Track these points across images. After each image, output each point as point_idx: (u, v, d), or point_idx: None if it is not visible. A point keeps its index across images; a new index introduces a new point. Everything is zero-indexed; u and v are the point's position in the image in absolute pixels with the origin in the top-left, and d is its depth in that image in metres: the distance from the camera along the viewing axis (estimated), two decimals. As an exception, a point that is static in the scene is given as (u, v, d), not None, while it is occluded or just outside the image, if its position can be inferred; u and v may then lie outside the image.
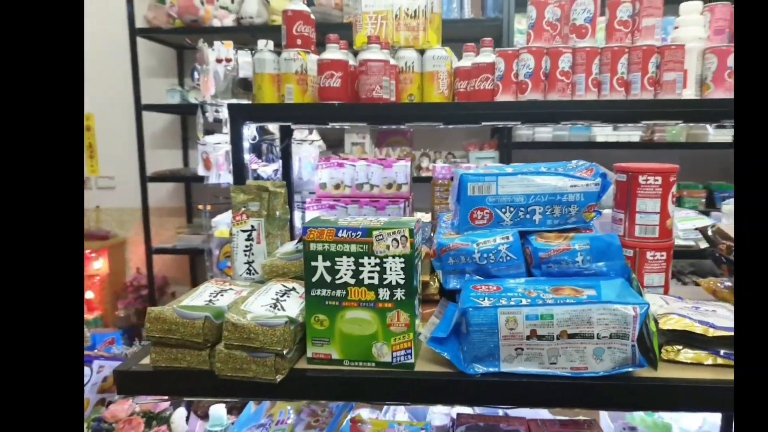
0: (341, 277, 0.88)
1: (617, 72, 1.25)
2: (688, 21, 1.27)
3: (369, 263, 0.87)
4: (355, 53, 1.51)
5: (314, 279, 0.89)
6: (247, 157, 1.37)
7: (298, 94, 1.48)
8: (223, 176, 2.33)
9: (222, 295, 0.98)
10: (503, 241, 1.00)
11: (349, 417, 1.26)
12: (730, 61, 1.23)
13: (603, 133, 2.97)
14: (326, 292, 0.89)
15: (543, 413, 1.34)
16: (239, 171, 1.38)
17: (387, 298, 0.88)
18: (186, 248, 3.64)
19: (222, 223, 1.99)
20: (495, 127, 3.43)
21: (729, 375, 0.86)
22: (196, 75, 3.12)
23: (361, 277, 0.88)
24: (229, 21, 3.35)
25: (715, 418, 1.97)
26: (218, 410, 1.41)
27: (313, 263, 0.89)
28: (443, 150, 3.56)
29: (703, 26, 1.28)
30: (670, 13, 1.30)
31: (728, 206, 2.69)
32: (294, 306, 0.94)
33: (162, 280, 3.97)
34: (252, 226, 1.16)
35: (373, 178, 2.00)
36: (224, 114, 2.16)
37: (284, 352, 0.85)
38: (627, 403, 0.86)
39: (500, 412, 1.28)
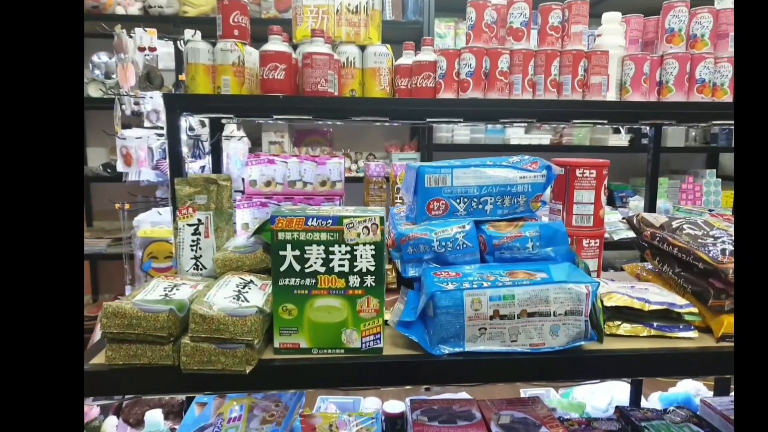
0: (311, 266, 0.88)
1: (551, 74, 1.34)
2: (610, 30, 1.40)
3: (340, 251, 0.88)
4: (294, 47, 1.49)
5: (282, 268, 0.88)
6: (185, 150, 1.31)
7: (235, 86, 1.44)
8: (144, 173, 2.20)
9: (177, 289, 0.94)
10: (460, 230, 1.04)
11: (299, 412, 1.24)
12: (646, 67, 1.36)
13: (516, 135, 3.16)
14: (295, 281, 0.88)
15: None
16: (177, 164, 1.31)
17: (357, 285, 0.89)
18: (88, 254, 3.37)
19: (145, 222, 1.87)
20: (415, 128, 3.53)
21: (662, 344, 0.96)
22: (96, 61, 2.90)
23: (331, 265, 0.88)
24: (134, 9, 3.16)
25: (622, 396, 2.17)
26: (154, 416, 1.34)
27: (281, 252, 0.87)
28: (364, 151, 3.60)
29: (621, 35, 1.42)
30: (591, 23, 1.42)
31: (635, 202, 2.97)
32: (257, 297, 0.92)
33: (58, 289, 3.65)
34: (199, 220, 1.12)
35: (306, 176, 1.99)
36: (145, 107, 2.04)
37: (254, 342, 0.83)
38: (579, 375, 0.93)
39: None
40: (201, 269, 1.12)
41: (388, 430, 1.38)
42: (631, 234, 2.35)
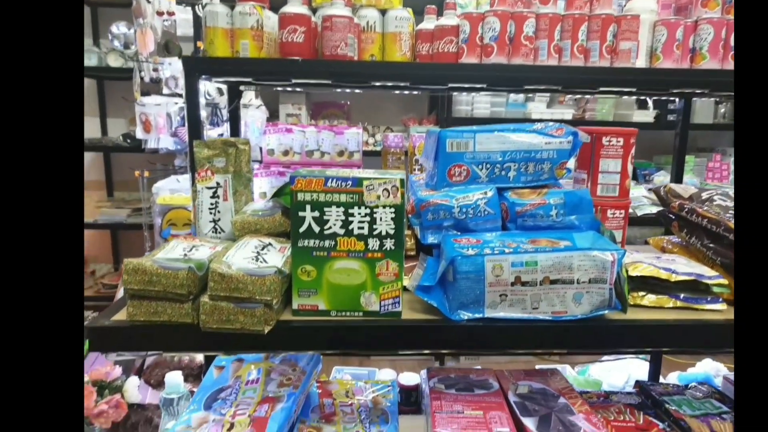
0: (330, 228, 0.87)
1: (578, 39, 1.30)
2: (641, -7, 1.34)
3: (359, 213, 0.86)
4: (314, 10, 1.46)
5: (301, 230, 0.87)
6: (203, 113, 1.30)
7: (253, 50, 1.42)
8: (163, 140, 2.20)
9: (196, 250, 0.93)
10: (482, 196, 1.02)
11: (316, 377, 1.24)
12: (679, 33, 1.31)
13: (538, 110, 3.10)
14: (314, 243, 0.87)
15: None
16: (195, 128, 1.30)
17: (377, 248, 0.87)
18: (108, 223, 3.41)
19: (164, 189, 1.88)
20: (433, 101, 3.48)
21: (687, 315, 0.94)
22: (115, 32, 2.89)
23: (350, 227, 0.87)
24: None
25: (640, 375, 2.15)
26: (174, 377, 1.35)
27: (300, 213, 0.86)
28: (381, 124, 3.57)
29: None
30: (622, -14, 1.37)
31: (659, 178, 2.91)
32: (276, 258, 0.91)
33: (80, 258, 3.71)
34: (217, 183, 1.11)
35: (324, 145, 1.97)
36: (164, 73, 2.03)
37: (273, 302, 0.83)
38: (601, 344, 0.91)
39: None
40: (219, 232, 1.12)
41: (403, 402, 1.38)
42: (656, 209, 2.31)
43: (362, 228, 0.86)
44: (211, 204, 1.11)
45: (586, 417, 1.00)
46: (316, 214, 0.86)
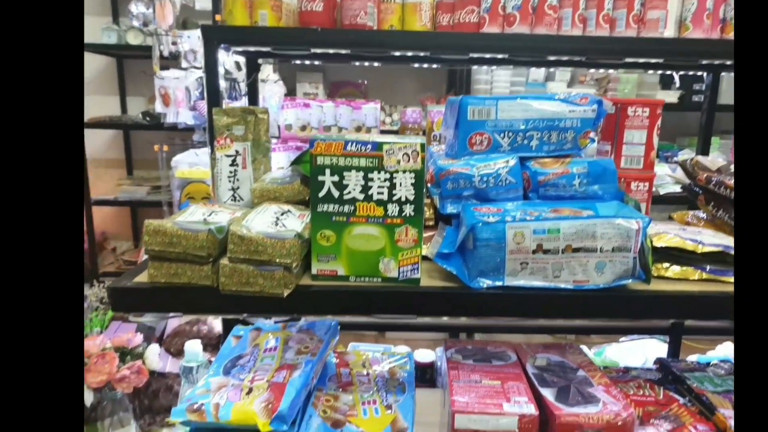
0: (349, 193, 0.86)
1: (604, 8, 1.26)
2: (671, -40, 1.30)
3: (379, 178, 0.85)
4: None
5: (321, 194, 0.86)
6: (223, 84, 1.29)
7: (272, 20, 1.40)
8: (182, 114, 2.21)
9: (215, 215, 0.94)
10: (504, 165, 1.00)
11: (333, 347, 1.25)
12: (710, 2, 1.27)
13: (558, 89, 3.04)
14: (333, 208, 0.86)
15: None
16: (214, 98, 1.30)
17: (396, 214, 0.87)
18: (128, 200, 3.45)
19: (183, 163, 1.89)
20: (452, 80, 3.44)
21: (713, 287, 0.92)
22: (134, 11, 2.89)
23: (370, 192, 0.86)
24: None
25: (658, 356, 2.13)
26: (193, 346, 1.37)
27: (320, 178, 0.86)
28: (398, 104, 3.54)
29: (684, -33, 1.32)
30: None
31: (684, 156, 2.86)
32: (296, 224, 0.91)
33: (100, 236, 3.76)
34: (236, 151, 1.11)
35: (342, 120, 1.96)
36: (182, 46, 2.03)
37: (293, 265, 0.82)
38: (624, 314, 0.90)
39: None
40: (238, 201, 1.12)
41: (418, 379, 1.38)
42: (679, 188, 2.27)
43: (381, 193, 0.86)
44: (230, 172, 1.11)
45: (605, 389, 0.99)
46: (336, 178, 0.85)
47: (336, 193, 0.86)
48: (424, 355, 1.96)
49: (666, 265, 0.96)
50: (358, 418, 1.03)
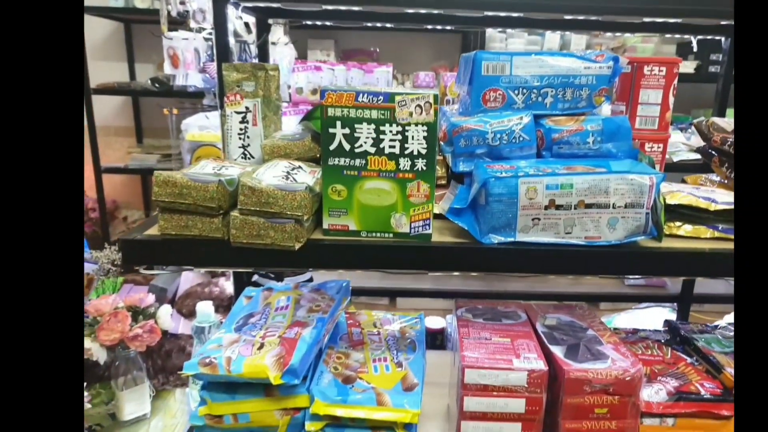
0: (361, 146, 0.85)
1: (622, -37, 1.23)
2: None
3: (390, 131, 0.84)
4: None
5: (332, 147, 0.86)
6: (232, 41, 1.28)
7: (283, -22, 1.38)
8: (192, 77, 2.19)
9: (226, 169, 0.93)
10: (518, 121, 0.99)
11: (344, 308, 1.26)
12: (732, -44, 1.23)
13: (571, 56, 2.98)
14: (344, 161, 0.86)
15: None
16: (224, 55, 1.28)
17: (408, 168, 0.86)
18: (139, 168, 3.45)
19: (192, 126, 1.88)
20: (465, 47, 3.39)
21: (726, 246, 0.91)
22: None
23: (381, 145, 0.85)
24: None
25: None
26: (205, 307, 1.38)
27: (331, 130, 0.85)
28: (411, 72, 3.49)
29: None
30: None
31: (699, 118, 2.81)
32: (307, 178, 0.90)
33: (112, 204, 3.78)
34: (246, 108, 1.10)
35: (353, 84, 1.94)
36: (191, 5, 2.00)
37: (304, 218, 0.82)
38: (635, 270, 0.89)
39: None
40: (248, 158, 1.11)
41: (427, 344, 1.39)
42: (693, 156, 2.24)
43: (393, 147, 0.85)
44: (240, 129, 1.11)
45: (614, 347, 1.00)
46: (347, 131, 0.84)
47: (347, 146, 0.85)
48: (434, 322, 1.97)
49: (678, 223, 0.95)
50: (369, 374, 1.05)
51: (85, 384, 1.17)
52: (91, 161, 3.37)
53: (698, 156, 1.78)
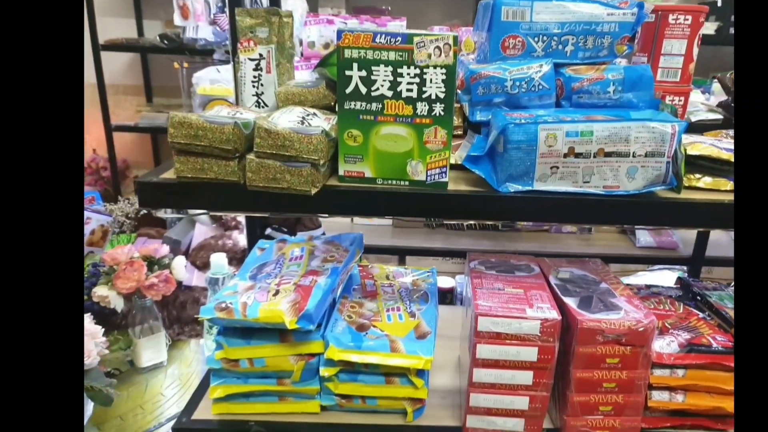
0: (377, 89, 0.84)
1: None
2: None
3: (408, 74, 0.83)
4: None
5: (348, 90, 0.84)
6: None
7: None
8: (202, 29, 2.15)
9: (241, 114, 0.93)
10: (538, 69, 0.97)
11: (358, 260, 1.26)
12: None
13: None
14: (361, 105, 0.85)
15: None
16: (236, 3, 1.26)
17: (425, 114, 0.85)
18: (149, 127, 3.43)
19: (203, 80, 1.86)
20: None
21: (747, 199, 0.89)
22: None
23: (399, 89, 0.84)
24: None
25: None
26: (219, 259, 1.40)
27: (347, 72, 0.83)
28: (424, 28, 3.42)
29: None
30: None
31: (717, 85, 2.76)
32: (322, 123, 0.90)
33: (122, 163, 3.78)
34: (260, 54, 1.08)
35: (366, 39, 1.90)
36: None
37: (320, 162, 0.82)
38: (653, 221, 0.89)
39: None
40: (262, 107, 1.10)
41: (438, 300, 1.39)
42: (712, 116, 2.19)
43: (411, 90, 0.83)
44: (254, 77, 1.09)
45: (627, 300, 1.00)
46: (363, 73, 0.83)
47: (363, 90, 0.84)
48: (445, 282, 1.99)
49: (698, 176, 0.94)
50: (383, 322, 1.06)
51: (103, 330, 1.20)
52: (102, 119, 3.36)
53: (718, 116, 1.74)
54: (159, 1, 3.41)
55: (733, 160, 0.91)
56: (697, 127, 2.24)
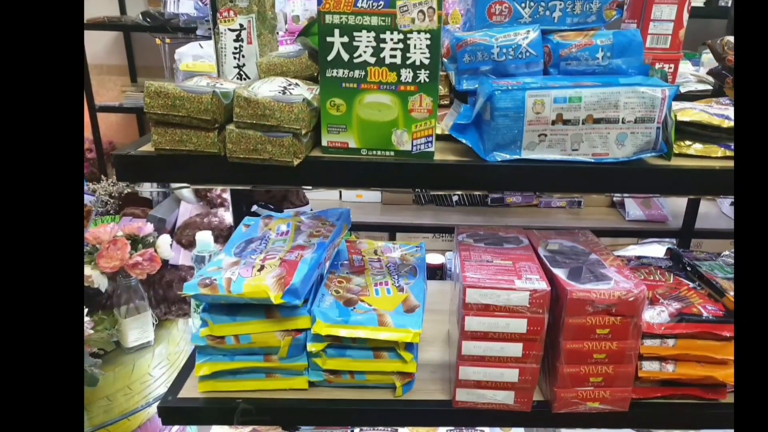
0: (360, 56, 0.81)
1: None
2: None
3: (391, 39, 0.80)
4: None
5: (330, 57, 0.82)
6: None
7: None
8: (184, 4, 2.10)
9: (221, 84, 0.90)
10: (525, 35, 0.94)
11: (345, 236, 1.25)
12: None
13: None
14: (343, 73, 0.82)
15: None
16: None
17: (410, 81, 0.82)
18: (134, 107, 3.37)
19: (186, 55, 1.82)
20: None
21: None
22: None
23: (382, 55, 0.81)
24: None
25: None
26: (204, 236, 1.37)
27: (328, 39, 0.81)
28: (410, 6, 3.36)
29: None
30: None
31: (707, 56, 2.74)
32: (305, 93, 0.87)
33: (108, 145, 3.72)
34: (241, 25, 1.05)
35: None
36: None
37: (302, 132, 0.80)
38: (642, 188, 0.87)
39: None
40: (244, 79, 1.07)
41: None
42: (702, 87, 2.18)
43: (394, 57, 0.81)
44: (235, 48, 1.06)
45: (617, 270, 0.99)
46: (345, 39, 0.80)
47: (345, 57, 0.81)
48: (434, 258, 1.98)
49: (688, 143, 0.92)
50: (370, 297, 1.05)
51: (87, 311, 1.18)
52: (86, 100, 3.29)
53: (707, 87, 1.73)
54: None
55: (724, 125, 0.89)
56: (687, 98, 2.22)
